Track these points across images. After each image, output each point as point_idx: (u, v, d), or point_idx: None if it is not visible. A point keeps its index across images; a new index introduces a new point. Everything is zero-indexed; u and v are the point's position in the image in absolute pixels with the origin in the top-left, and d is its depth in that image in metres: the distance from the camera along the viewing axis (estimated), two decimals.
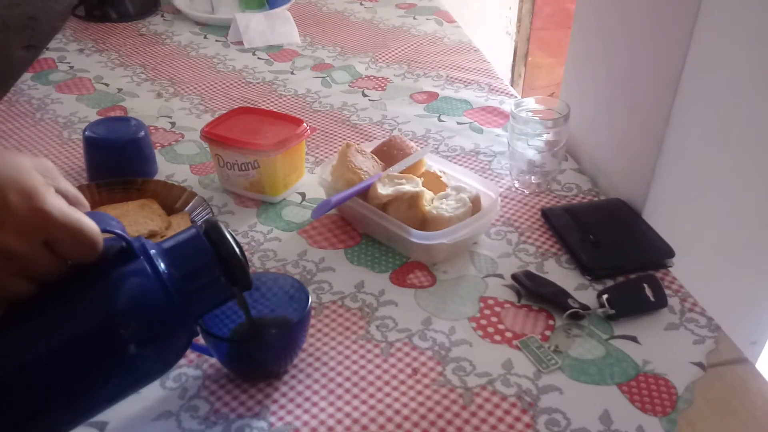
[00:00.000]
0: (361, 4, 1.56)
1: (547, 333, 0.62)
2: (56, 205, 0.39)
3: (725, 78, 0.70)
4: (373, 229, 0.75)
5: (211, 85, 1.14)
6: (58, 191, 0.41)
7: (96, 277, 0.42)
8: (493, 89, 1.13)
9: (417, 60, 1.25)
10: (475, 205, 0.73)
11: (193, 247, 0.45)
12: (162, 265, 0.43)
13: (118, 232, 0.43)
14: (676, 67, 0.70)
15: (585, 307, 0.64)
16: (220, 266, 0.44)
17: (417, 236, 0.69)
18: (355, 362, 0.59)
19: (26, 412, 0.41)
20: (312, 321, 0.63)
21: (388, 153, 0.81)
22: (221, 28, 1.39)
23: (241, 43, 1.32)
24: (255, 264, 0.71)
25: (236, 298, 0.49)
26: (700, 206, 0.78)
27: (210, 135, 0.81)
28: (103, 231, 0.42)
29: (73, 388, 0.42)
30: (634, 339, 0.62)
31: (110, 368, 0.42)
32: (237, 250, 0.45)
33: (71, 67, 1.21)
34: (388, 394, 0.56)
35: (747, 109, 0.71)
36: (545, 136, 0.80)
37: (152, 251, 0.43)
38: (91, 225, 0.41)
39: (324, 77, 1.18)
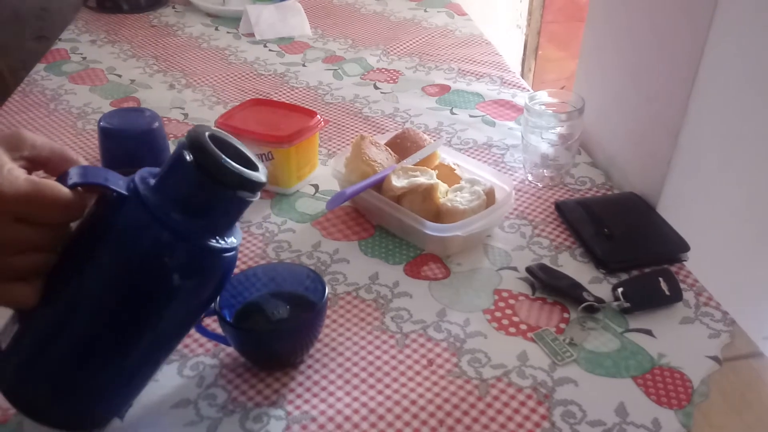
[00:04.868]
0: None
1: (562, 326, 0.62)
2: (7, 181, 0.40)
3: (744, 71, 0.69)
4: (387, 221, 0.75)
5: (223, 76, 1.15)
6: (30, 158, 0.43)
7: (99, 231, 0.45)
8: (505, 82, 1.12)
9: (428, 53, 1.25)
10: (489, 197, 0.73)
11: (179, 175, 0.45)
12: (157, 201, 0.43)
13: (100, 182, 0.43)
14: (694, 59, 0.69)
15: (600, 301, 0.64)
16: (213, 183, 0.44)
17: (431, 228, 0.69)
18: (370, 353, 0.59)
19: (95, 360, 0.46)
20: (327, 312, 0.63)
21: (402, 145, 0.81)
22: (232, 20, 1.39)
23: (252, 34, 1.32)
24: (270, 255, 0.72)
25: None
26: (715, 200, 0.78)
27: (224, 126, 0.81)
28: (87, 184, 0.43)
29: (125, 331, 0.45)
30: (649, 332, 0.62)
31: (157, 301, 0.45)
32: (224, 159, 0.44)
33: (84, 58, 1.21)
34: (404, 385, 0.56)
35: (764, 103, 0.71)
36: (559, 130, 0.80)
37: (144, 192, 0.44)
38: (51, 189, 0.41)
39: (335, 69, 1.18)
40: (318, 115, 0.83)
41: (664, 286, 0.65)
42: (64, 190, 0.42)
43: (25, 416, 0.48)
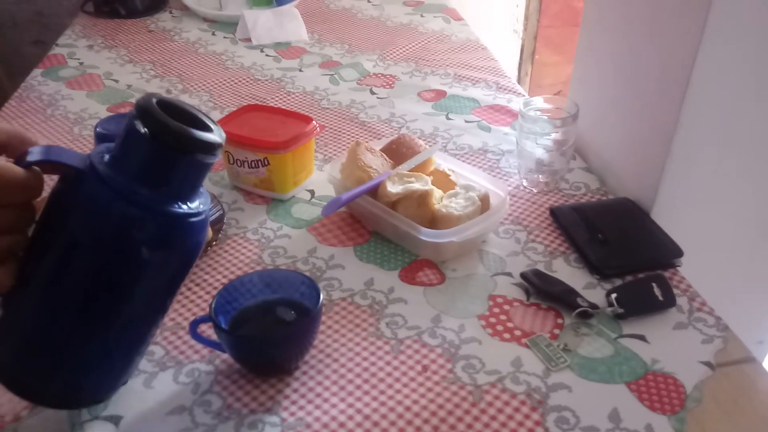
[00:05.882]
0: (369, 1, 1.57)
1: (556, 331, 0.63)
2: None
3: (736, 77, 0.70)
4: (383, 227, 0.75)
5: (220, 82, 1.15)
6: None
7: (62, 209, 0.45)
8: (501, 87, 1.13)
9: (425, 58, 1.25)
10: (484, 203, 0.74)
11: (133, 144, 0.44)
12: (113, 173, 0.43)
13: (55, 159, 0.43)
14: (687, 65, 0.70)
15: (594, 306, 0.64)
16: (167, 149, 0.44)
17: (426, 234, 0.69)
18: (365, 359, 0.60)
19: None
20: (322, 318, 0.64)
21: (398, 151, 0.82)
22: (229, 25, 1.40)
23: (249, 39, 1.33)
24: (265, 261, 0.72)
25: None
26: (708, 206, 0.78)
27: None
28: (42, 162, 0.43)
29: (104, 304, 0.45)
30: (642, 338, 0.62)
31: (123, 276, 0.45)
32: (175, 124, 0.43)
33: (81, 64, 1.21)
34: (398, 391, 0.56)
35: (757, 108, 0.71)
36: (554, 135, 0.81)
37: (99, 166, 0.43)
38: (3, 170, 0.41)
39: (332, 75, 1.18)
40: (314, 121, 0.83)
41: (657, 291, 0.66)
42: (18, 170, 0.42)
43: (23, 399, 0.48)
